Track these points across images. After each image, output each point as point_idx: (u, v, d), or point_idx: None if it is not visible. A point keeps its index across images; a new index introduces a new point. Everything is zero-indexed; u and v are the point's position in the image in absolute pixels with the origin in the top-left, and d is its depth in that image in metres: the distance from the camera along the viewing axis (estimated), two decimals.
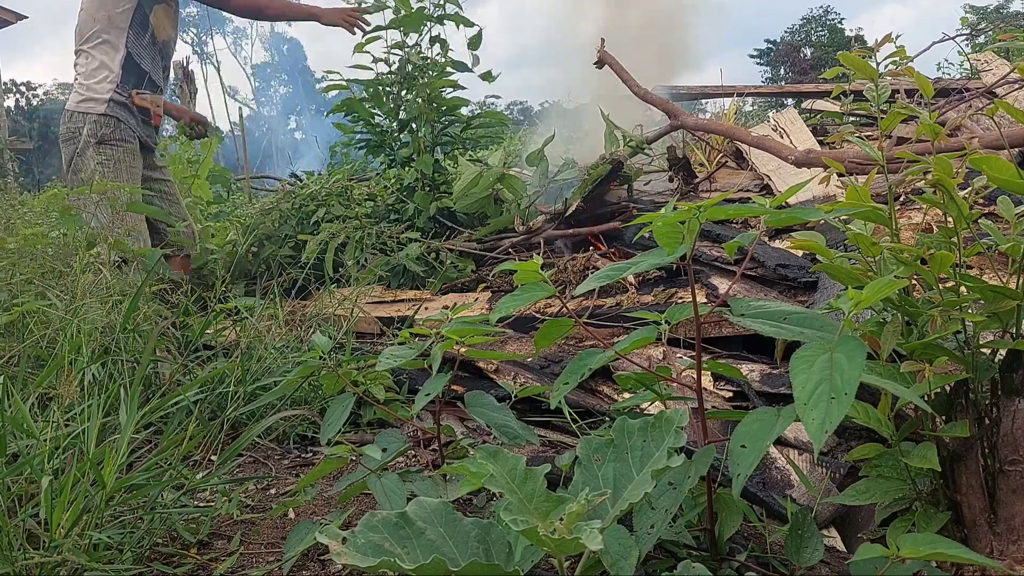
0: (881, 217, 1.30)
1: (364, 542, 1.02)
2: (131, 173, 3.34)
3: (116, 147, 3.31)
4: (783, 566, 1.31)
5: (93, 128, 3.28)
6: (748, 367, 2.19)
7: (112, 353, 2.00)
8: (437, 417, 1.68)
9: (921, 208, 2.65)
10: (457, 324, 1.53)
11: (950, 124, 1.43)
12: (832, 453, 1.76)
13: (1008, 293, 1.16)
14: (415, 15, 3.95)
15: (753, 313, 1.19)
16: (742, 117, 7.74)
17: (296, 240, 3.81)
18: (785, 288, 2.56)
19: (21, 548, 1.23)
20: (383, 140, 4.27)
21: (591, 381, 2.31)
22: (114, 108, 3.31)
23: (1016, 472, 1.16)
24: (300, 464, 2.04)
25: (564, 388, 1.32)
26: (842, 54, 1.40)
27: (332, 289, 3.14)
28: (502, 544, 1.08)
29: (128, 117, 3.35)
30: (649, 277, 2.98)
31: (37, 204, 3.93)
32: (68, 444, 1.48)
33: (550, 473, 1.17)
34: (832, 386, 0.93)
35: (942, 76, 6.42)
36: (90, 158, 3.27)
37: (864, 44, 1.66)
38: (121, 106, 3.33)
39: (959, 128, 3.40)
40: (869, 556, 0.97)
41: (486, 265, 3.58)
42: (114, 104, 3.31)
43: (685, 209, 1.14)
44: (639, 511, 1.19)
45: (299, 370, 1.67)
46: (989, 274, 1.94)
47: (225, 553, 1.48)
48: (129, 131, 3.35)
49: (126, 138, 3.34)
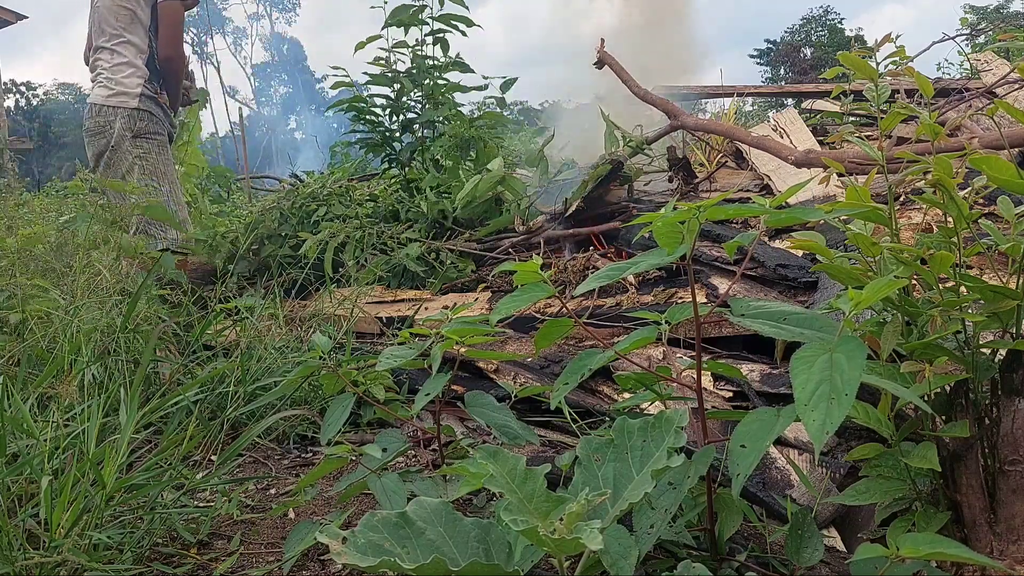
0: (881, 217, 1.29)
1: (364, 542, 1.02)
2: (167, 164, 3.46)
3: (151, 140, 3.41)
4: (783, 566, 1.31)
5: (128, 122, 3.37)
6: (748, 367, 2.18)
7: (112, 353, 2.01)
8: (437, 417, 1.68)
9: (921, 208, 2.65)
10: (457, 324, 1.53)
11: (950, 124, 1.43)
12: (832, 453, 1.76)
13: (1008, 293, 1.16)
14: (409, 13, 3.95)
15: (753, 313, 1.19)
16: (742, 117, 7.74)
17: (296, 239, 3.81)
18: (785, 288, 2.56)
19: (21, 548, 1.23)
20: (384, 139, 4.27)
21: (591, 381, 2.31)
22: (146, 102, 3.41)
23: (1016, 472, 1.16)
24: (300, 464, 2.04)
25: (564, 388, 1.32)
26: (842, 54, 1.40)
27: (332, 289, 3.14)
28: (502, 544, 1.08)
29: (158, 111, 3.47)
30: (649, 277, 2.98)
31: (37, 204, 3.94)
32: (68, 444, 1.48)
33: (550, 473, 1.17)
34: (832, 387, 0.93)
35: (942, 76, 6.42)
36: (127, 151, 3.36)
37: (864, 44, 1.66)
38: (151, 100, 3.44)
39: (959, 128, 3.40)
40: (869, 556, 0.97)
41: (486, 265, 3.58)
42: (145, 99, 3.41)
43: (685, 209, 1.14)
44: (639, 511, 1.19)
45: (299, 370, 1.67)
46: (989, 274, 1.94)
47: (225, 553, 1.48)
48: (160, 123, 3.47)
49: (159, 131, 3.45)
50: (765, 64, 38.30)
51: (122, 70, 3.42)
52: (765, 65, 38.20)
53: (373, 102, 4.18)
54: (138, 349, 2.11)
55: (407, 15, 3.95)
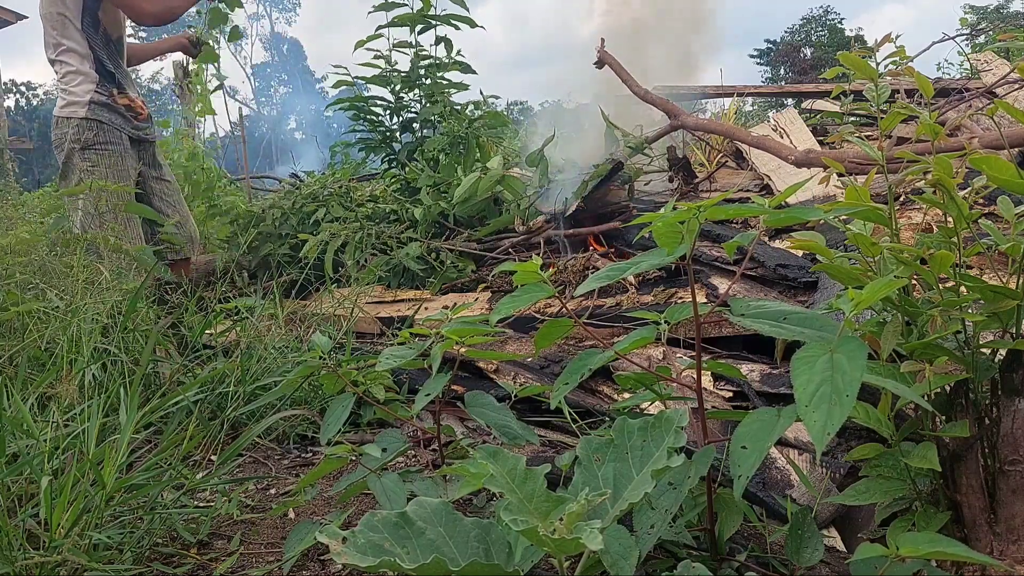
0: (881, 217, 1.29)
1: (364, 542, 1.02)
2: (119, 175, 3.26)
3: (100, 151, 3.23)
4: (783, 566, 1.31)
5: (76, 133, 3.22)
6: (748, 367, 2.19)
7: (112, 353, 2.00)
8: (437, 417, 1.68)
9: (921, 208, 2.65)
10: (457, 324, 1.53)
11: (950, 124, 1.43)
12: (832, 453, 1.76)
13: (1008, 293, 1.16)
14: (412, 13, 3.95)
15: (753, 313, 1.19)
16: (742, 117, 7.74)
17: (296, 239, 3.81)
18: (785, 288, 2.56)
19: (21, 548, 1.23)
20: (384, 138, 4.27)
21: (591, 381, 2.31)
22: (95, 110, 3.24)
23: (1016, 472, 1.16)
24: (300, 464, 2.04)
25: (564, 388, 1.32)
26: (842, 54, 1.39)
27: (332, 289, 3.14)
28: (502, 544, 1.08)
29: (113, 117, 3.28)
30: (649, 277, 2.98)
31: (36, 204, 3.93)
32: (68, 444, 1.48)
33: (550, 473, 1.17)
34: (834, 388, 0.93)
35: (942, 76, 6.42)
36: (75, 166, 3.22)
37: (864, 44, 1.66)
38: (103, 107, 3.26)
39: (959, 128, 3.40)
40: (868, 555, 0.97)
41: (486, 265, 3.58)
42: (95, 106, 3.24)
43: (684, 209, 1.14)
44: (639, 511, 1.19)
45: (299, 370, 1.67)
46: (989, 274, 1.94)
47: (225, 553, 1.48)
48: (115, 132, 3.27)
49: (111, 140, 3.26)
50: (765, 64, 38.28)
51: (72, 79, 3.25)
52: (765, 65, 38.19)
53: (374, 101, 4.19)
54: (138, 349, 2.11)
55: (409, 17, 3.96)
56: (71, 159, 3.24)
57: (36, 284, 2.31)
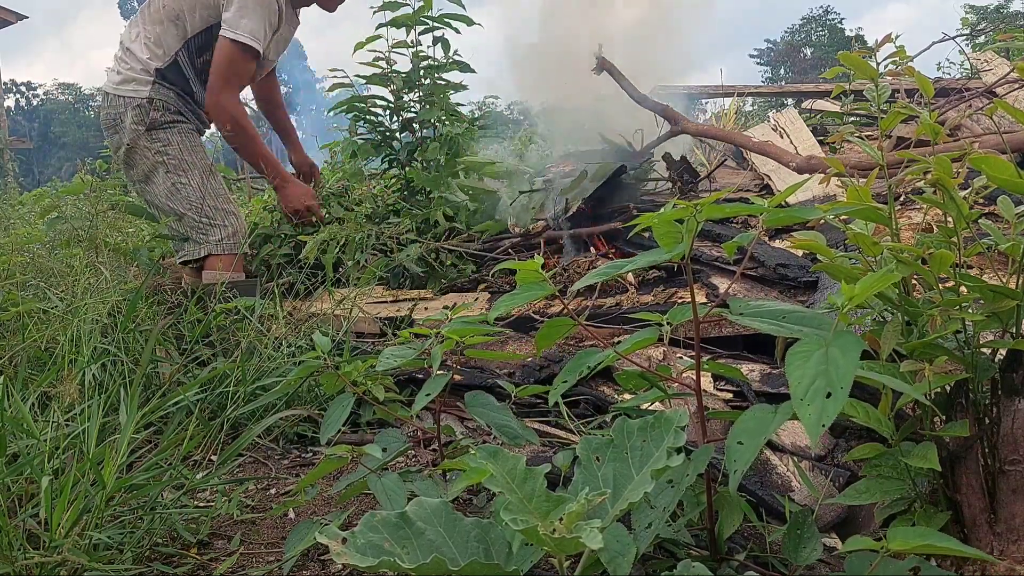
0: (881, 217, 1.29)
1: (364, 542, 1.02)
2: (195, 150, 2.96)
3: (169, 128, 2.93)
4: (783, 565, 1.31)
5: (137, 115, 2.88)
6: (748, 367, 2.19)
7: (112, 353, 2.01)
8: (437, 417, 1.68)
9: (921, 208, 2.65)
10: (457, 324, 1.53)
11: (950, 123, 1.43)
12: (831, 455, 1.76)
13: (1008, 293, 1.16)
14: (410, 14, 3.95)
15: (752, 312, 1.19)
16: (742, 117, 7.74)
17: (296, 240, 3.81)
18: (785, 288, 2.56)
19: (21, 548, 1.23)
20: (384, 139, 4.27)
21: (591, 381, 2.31)
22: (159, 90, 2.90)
23: (1016, 472, 1.16)
24: (300, 464, 2.04)
25: (563, 386, 1.33)
26: (842, 54, 1.39)
27: (332, 290, 3.14)
28: (502, 544, 1.08)
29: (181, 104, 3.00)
30: (649, 277, 2.98)
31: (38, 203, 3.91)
32: (68, 444, 1.48)
33: (550, 473, 1.17)
34: (828, 381, 0.93)
35: (942, 76, 6.42)
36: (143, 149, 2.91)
37: (864, 44, 1.66)
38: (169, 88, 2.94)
39: (959, 128, 3.40)
40: (856, 548, 0.97)
41: (486, 265, 3.59)
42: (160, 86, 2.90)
43: (683, 208, 1.14)
44: (638, 510, 1.19)
45: (299, 370, 1.68)
46: (989, 274, 1.94)
47: (225, 553, 1.48)
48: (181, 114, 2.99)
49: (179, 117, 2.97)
50: (765, 64, 38.31)
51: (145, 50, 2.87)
52: (765, 65, 38.22)
53: (373, 102, 4.18)
54: (138, 349, 2.11)
55: (407, 16, 3.95)
56: (136, 145, 2.92)
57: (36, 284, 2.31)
